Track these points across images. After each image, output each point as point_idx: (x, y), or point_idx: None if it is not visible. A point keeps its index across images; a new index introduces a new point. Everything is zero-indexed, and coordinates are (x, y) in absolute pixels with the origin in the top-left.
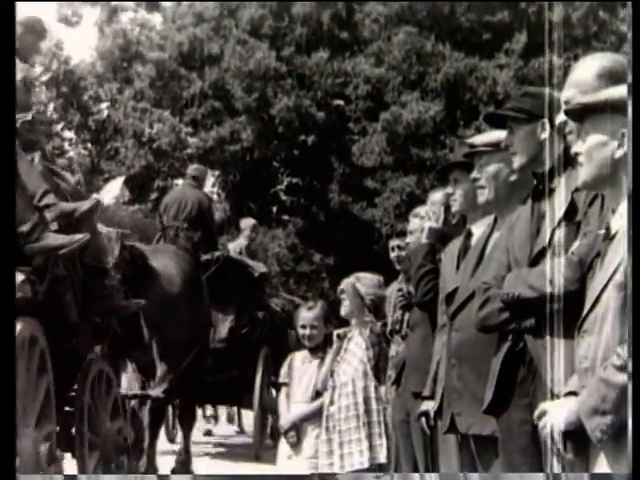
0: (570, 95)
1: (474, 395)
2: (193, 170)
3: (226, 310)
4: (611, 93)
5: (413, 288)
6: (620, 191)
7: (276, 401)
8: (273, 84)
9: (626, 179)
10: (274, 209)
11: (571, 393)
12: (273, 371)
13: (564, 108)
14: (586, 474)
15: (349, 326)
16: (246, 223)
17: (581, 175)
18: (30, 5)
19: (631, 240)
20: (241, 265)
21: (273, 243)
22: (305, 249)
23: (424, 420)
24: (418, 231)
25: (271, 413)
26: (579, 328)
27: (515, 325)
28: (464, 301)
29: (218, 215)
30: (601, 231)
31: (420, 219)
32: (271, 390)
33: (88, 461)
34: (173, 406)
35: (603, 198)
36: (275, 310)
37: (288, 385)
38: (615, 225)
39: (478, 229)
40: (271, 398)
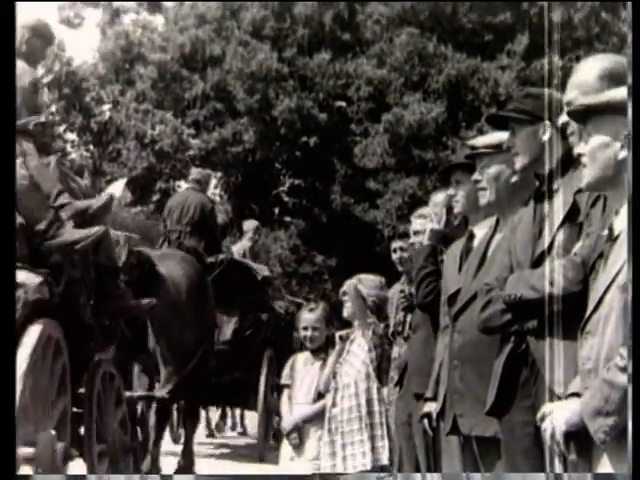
0: (572, 96)
1: (476, 397)
2: (196, 174)
3: (230, 312)
4: (613, 94)
5: (415, 290)
6: (623, 192)
7: (278, 403)
8: (275, 85)
9: (626, 179)
10: (276, 210)
11: (574, 394)
12: (277, 373)
13: (566, 109)
14: (589, 474)
15: (351, 328)
16: (249, 225)
17: (585, 176)
18: (32, 7)
19: (631, 240)
20: (245, 267)
21: (275, 244)
22: (307, 250)
23: (426, 422)
24: (421, 232)
25: (275, 414)
26: (582, 329)
27: (517, 326)
28: (466, 302)
29: (221, 218)
30: (604, 232)
31: (424, 219)
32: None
33: (97, 461)
34: (177, 407)
35: (605, 199)
36: (279, 312)
37: (290, 387)
38: (618, 226)
39: (480, 230)
40: (275, 400)
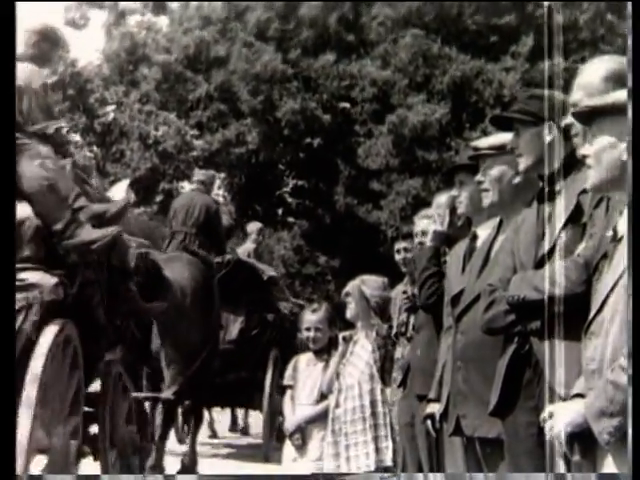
0: (577, 98)
1: (480, 397)
2: (200, 175)
3: (236, 312)
4: (618, 96)
5: (417, 291)
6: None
7: (281, 403)
8: (279, 87)
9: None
10: (279, 211)
11: (578, 395)
12: (282, 373)
13: (572, 111)
14: (593, 474)
15: (354, 329)
16: (253, 227)
17: (589, 177)
18: (38, 9)
19: (631, 241)
20: (251, 268)
21: (278, 245)
22: (310, 251)
23: (430, 423)
24: (425, 233)
25: (279, 415)
26: (586, 330)
27: (521, 327)
28: (470, 303)
29: (226, 220)
30: (609, 233)
31: (427, 220)
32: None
33: (110, 461)
34: (182, 408)
35: (609, 200)
36: (284, 313)
37: (293, 388)
38: (622, 227)
39: (484, 231)
40: (280, 400)
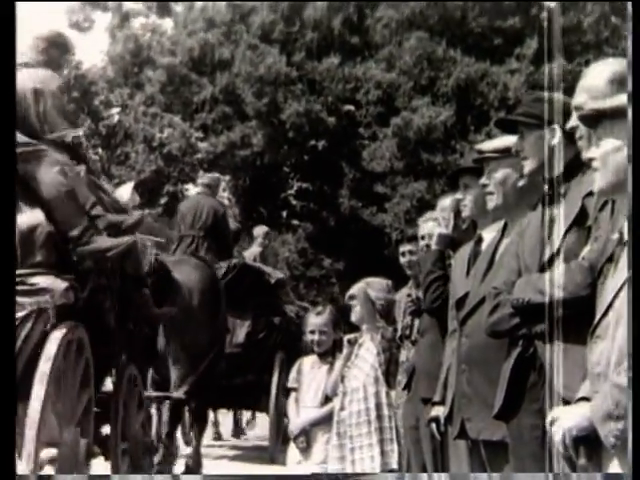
0: (581, 101)
1: (484, 400)
2: (206, 178)
3: (243, 315)
4: (625, 99)
5: (422, 294)
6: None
7: (285, 406)
8: (284, 89)
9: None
10: (284, 214)
11: (583, 399)
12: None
13: (577, 114)
14: (599, 474)
15: (359, 331)
16: (259, 230)
17: (596, 180)
18: (37, 8)
19: (631, 242)
20: (257, 272)
21: (283, 248)
22: (315, 254)
23: (434, 426)
24: (429, 236)
25: (285, 417)
26: (592, 333)
27: (525, 330)
28: (474, 306)
29: (233, 224)
30: (614, 236)
31: (432, 223)
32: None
33: (121, 461)
34: (188, 409)
35: (614, 203)
36: (290, 316)
37: (297, 390)
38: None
39: (488, 234)
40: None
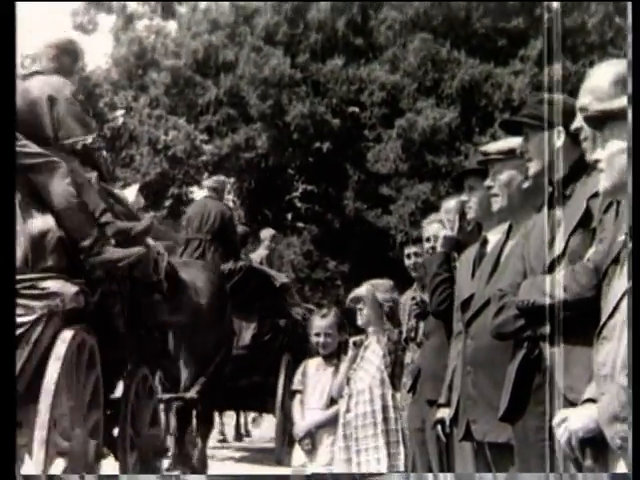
0: (586, 102)
1: (489, 402)
2: (213, 182)
3: (249, 318)
4: None
5: (428, 297)
6: None
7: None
8: (288, 91)
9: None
10: (289, 216)
11: (589, 400)
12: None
13: (582, 115)
14: (605, 474)
15: (364, 334)
16: (266, 233)
17: (602, 181)
18: (40, 11)
19: (630, 243)
20: (263, 275)
21: (288, 250)
22: (320, 256)
23: (440, 428)
24: (434, 238)
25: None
26: (598, 335)
27: (530, 332)
28: (479, 308)
29: (241, 227)
30: (620, 238)
31: (436, 225)
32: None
33: (130, 462)
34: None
35: (618, 204)
36: (296, 318)
37: (302, 392)
38: None
39: (494, 236)
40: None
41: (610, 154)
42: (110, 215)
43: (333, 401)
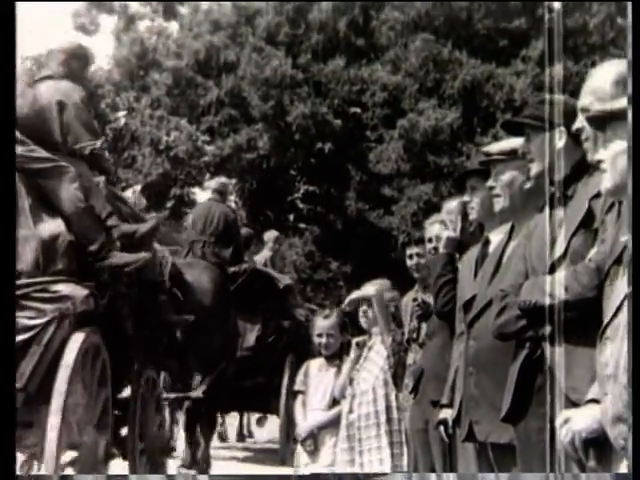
0: (587, 102)
1: (492, 403)
2: (217, 184)
3: (253, 319)
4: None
5: (432, 298)
6: None
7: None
8: (289, 91)
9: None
10: (291, 217)
11: (593, 401)
12: None
13: (585, 115)
14: (608, 474)
15: (366, 334)
16: (270, 235)
17: (605, 182)
18: (41, 11)
19: (631, 244)
20: (267, 276)
21: (290, 251)
22: (322, 257)
23: (442, 428)
24: (436, 239)
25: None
26: (601, 335)
27: (532, 333)
28: (482, 309)
29: (245, 230)
30: (623, 238)
31: (438, 226)
32: None
33: (139, 462)
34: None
35: (620, 205)
36: (300, 319)
37: (304, 393)
38: None
39: (496, 237)
40: None
41: (613, 154)
42: (116, 218)
43: (335, 402)
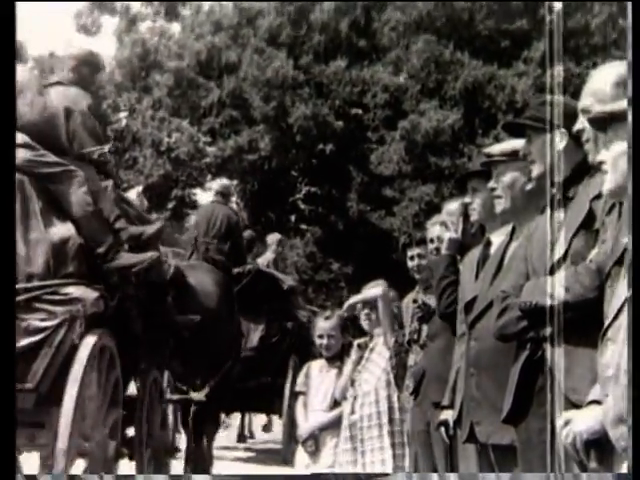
0: (587, 103)
1: (493, 404)
2: (219, 186)
3: (257, 320)
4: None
5: (436, 300)
6: None
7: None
8: (291, 93)
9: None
10: (292, 218)
11: (594, 402)
12: None
13: (587, 117)
14: (610, 474)
15: (367, 336)
16: (273, 238)
17: (607, 183)
18: (41, 11)
19: (631, 244)
20: (271, 278)
21: (292, 252)
22: (323, 258)
23: (443, 429)
24: (437, 240)
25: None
26: (603, 336)
27: (533, 334)
28: (483, 310)
29: (248, 232)
30: (624, 239)
31: (440, 227)
32: None
33: (145, 462)
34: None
35: (621, 206)
36: (303, 321)
37: (305, 394)
38: None
39: (497, 238)
40: None
41: (614, 156)
42: (124, 221)
43: (336, 403)
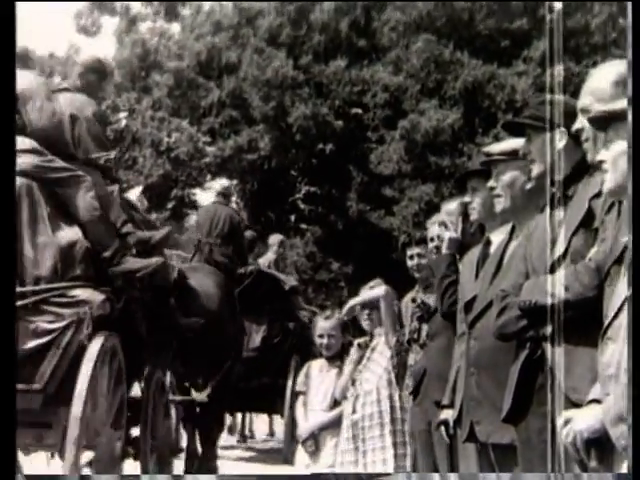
0: (587, 103)
1: (493, 403)
2: (221, 187)
3: (259, 320)
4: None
5: (438, 299)
6: None
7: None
8: (291, 92)
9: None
10: (292, 218)
11: (594, 401)
12: None
13: (586, 116)
14: (610, 474)
15: (367, 335)
16: (274, 239)
17: (606, 182)
18: (41, 11)
19: (631, 244)
20: (273, 278)
21: (291, 252)
22: (323, 258)
23: (443, 429)
24: (437, 239)
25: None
26: (603, 335)
27: (533, 333)
28: (482, 309)
29: (249, 233)
30: (624, 238)
31: (439, 226)
32: None
33: (150, 462)
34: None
35: (620, 204)
36: (304, 321)
37: (305, 394)
38: None
39: (497, 237)
40: None
41: (614, 155)
42: (131, 226)
43: (336, 403)
